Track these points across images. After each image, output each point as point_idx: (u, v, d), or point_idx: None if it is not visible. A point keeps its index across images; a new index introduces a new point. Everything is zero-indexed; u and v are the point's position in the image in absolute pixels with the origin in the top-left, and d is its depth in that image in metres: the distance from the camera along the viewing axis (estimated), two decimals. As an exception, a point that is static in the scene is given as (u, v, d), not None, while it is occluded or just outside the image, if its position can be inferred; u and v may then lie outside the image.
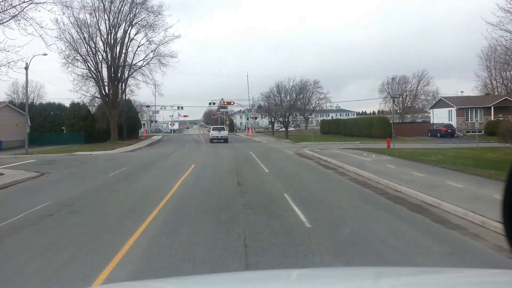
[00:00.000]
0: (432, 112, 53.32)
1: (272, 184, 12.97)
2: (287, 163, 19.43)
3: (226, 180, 13.66)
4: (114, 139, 43.84)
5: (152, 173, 15.87)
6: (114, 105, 43.91)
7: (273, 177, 14.39)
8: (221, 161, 20.62)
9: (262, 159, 20.96)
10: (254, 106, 65.75)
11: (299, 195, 10.71)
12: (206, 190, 11.84)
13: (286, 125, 48.28)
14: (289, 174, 15.69)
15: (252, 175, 14.85)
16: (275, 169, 16.71)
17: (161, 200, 10.01)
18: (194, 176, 14.51)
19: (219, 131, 42.21)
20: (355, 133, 49.17)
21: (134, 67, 44.61)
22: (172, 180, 13.61)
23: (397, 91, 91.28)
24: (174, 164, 19.31)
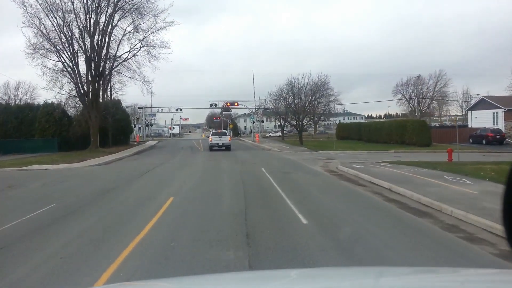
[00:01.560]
0: (471, 115, 45.60)
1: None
2: (329, 197, 11.33)
3: (221, 258, 5.71)
4: (94, 146, 36.45)
5: (73, 231, 7.75)
6: (95, 106, 36.59)
7: (327, 249, 6.17)
8: (218, 188, 12.70)
9: (283, 184, 13.28)
10: (260, 108, 58.31)
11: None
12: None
13: (301, 129, 40.71)
14: (353, 234, 7.11)
15: (277, 239, 6.65)
16: (318, 216, 8.43)
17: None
18: (152, 248, 6.18)
19: (220, 136, 34.74)
20: (381, 138, 41.50)
21: (119, 59, 37.32)
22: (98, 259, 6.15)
23: (412, 93, 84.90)
24: (138, 199, 10.80)
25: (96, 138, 36.89)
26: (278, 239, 6.71)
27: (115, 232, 7.36)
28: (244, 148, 40.38)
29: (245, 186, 12.89)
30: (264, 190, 12.26)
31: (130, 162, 25.15)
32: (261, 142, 48.37)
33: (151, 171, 17.92)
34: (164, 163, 22.85)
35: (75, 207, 9.99)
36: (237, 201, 10.35)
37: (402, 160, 20.46)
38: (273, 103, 51.96)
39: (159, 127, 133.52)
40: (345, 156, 26.24)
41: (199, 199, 10.71)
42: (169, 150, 38.39)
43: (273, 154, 30.51)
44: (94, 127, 36.56)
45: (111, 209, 9.67)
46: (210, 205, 9.82)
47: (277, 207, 9.61)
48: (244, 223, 7.84)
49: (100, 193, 11.79)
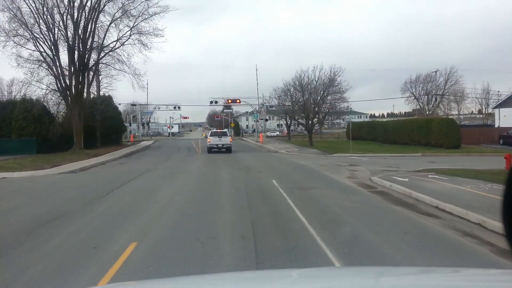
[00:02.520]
0: (498, 113, 41.16)
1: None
2: (392, 242, 6.50)
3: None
4: (78, 147, 32.21)
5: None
6: (78, 102, 32.31)
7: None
8: (213, 221, 7.91)
9: (307, 210, 8.73)
10: (264, 105, 53.97)
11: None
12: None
13: (311, 129, 36.27)
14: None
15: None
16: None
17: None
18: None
19: (220, 137, 30.39)
20: (401, 139, 37.11)
21: (106, 49, 33.01)
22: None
23: (421, 91, 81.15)
24: (74, 250, 6.22)
25: (80, 138, 32.64)
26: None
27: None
28: (247, 149, 36.04)
29: (253, 214, 8.55)
30: (282, 223, 7.90)
31: (111, 168, 20.84)
32: (266, 143, 44.03)
33: (127, 184, 13.59)
34: (151, 170, 18.54)
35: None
36: (243, 249, 6.04)
37: (451, 169, 16.05)
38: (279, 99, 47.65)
39: (159, 125, 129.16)
40: (369, 162, 21.89)
41: (179, 247, 6.36)
42: (163, 152, 34.10)
43: (281, 158, 26.14)
44: (78, 126, 32.31)
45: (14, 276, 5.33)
46: (197, 262, 5.51)
47: (310, 260, 5.36)
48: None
49: (26, 231, 7.45)
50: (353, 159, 23.66)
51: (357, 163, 20.98)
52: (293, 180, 14.16)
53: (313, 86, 34.95)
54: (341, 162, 21.40)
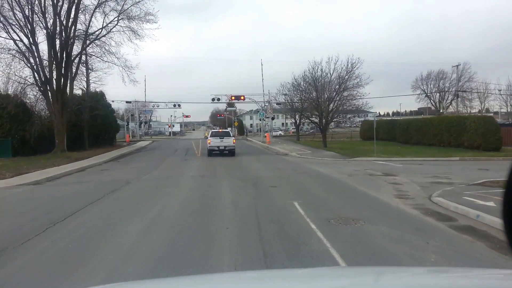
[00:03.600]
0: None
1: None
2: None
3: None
4: (60, 149, 28.26)
5: None
6: (60, 98, 28.29)
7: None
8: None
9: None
10: (270, 103, 49.77)
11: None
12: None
13: (325, 128, 32.00)
14: None
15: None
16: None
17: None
18: None
19: (221, 138, 26.25)
20: (425, 139, 32.89)
21: (91, 37, 28.92)
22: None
23: (432, 89, 77.48)
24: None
25: (63, 139, 28.64)
26: None
27: None
28: (253, 151, 31.88)
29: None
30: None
31: (86, 177, 16.74)
32: (273, 144, 39.86)
33: (84, 211, 9.37)
34: (131, 182, 14.43)
35: None
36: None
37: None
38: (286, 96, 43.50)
39: (161, 124, 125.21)
40: (405, 169, 17.70)
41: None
42: (157, 155, 30.03)
43: (294, 163, 21.94)
44: (60, 125, 28.30)
45: None
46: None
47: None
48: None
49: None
50: (383, 166, 19.47)
51: (392, 171, 16.79)
52: (322, 201, 9.97)
53: (328, 80, 30.65)
54: (371, 170, 17.21)
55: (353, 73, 29.51)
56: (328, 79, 30.41)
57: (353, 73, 29.51)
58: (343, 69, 29.84)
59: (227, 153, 26.37)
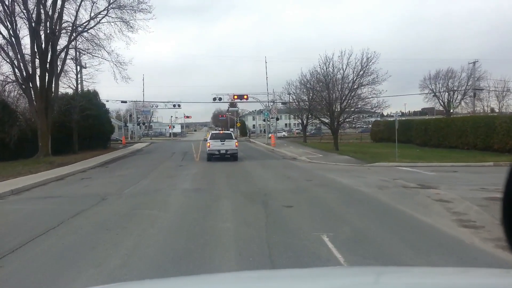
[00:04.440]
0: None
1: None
2: None
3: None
4: (43, 153, 25.49)
5: None
6: (45, 97, 25.52)
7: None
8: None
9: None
10: (275, 102, 46.85)
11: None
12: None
13: (337, 129, 29.03)
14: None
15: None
16: None
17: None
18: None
19: (222, 140, 23.36)
20: (447, 141, 30.00)
21: (79, 29, 26.12)
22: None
23: (441, 88, 74.67)
24: None
25: (47, 142, 25.85)
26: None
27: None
28: (258, 155, 29.00)
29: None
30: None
31: (57, 190, 13.87)
32: (278, 146, 36.97)
33: (22, 251, 6.54)
34: (112, 196, 11.58)
35: None
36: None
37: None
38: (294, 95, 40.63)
39: (162, 125, 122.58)
40: (440, 178, 14.80)
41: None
42: (152, 159, 27.20)
43: (307, 170, 19.01)
44: (43, 127, 25.50)
45: None
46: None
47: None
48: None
49: None
50: (411, 174, 16.56)
51: (427, 181, 13.86)
52: (363, 235, 6.99)
53: (341, 77, 27.70)
54: (402, 180, 14.28)
55: (369, 68, 26.59)
56: (341, 75, 27.48)
57: (369, 68, 26.59)
58: (357, 64, 26.89)
59: (229, 156, 23.55)
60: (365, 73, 26.55)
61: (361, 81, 26.86)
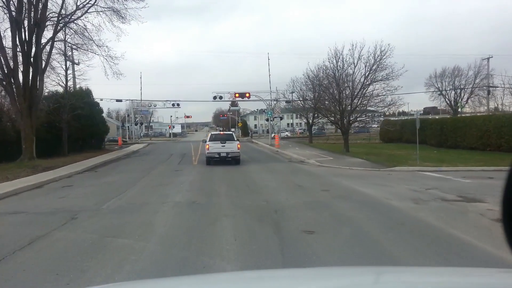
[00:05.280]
0: None
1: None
2: None
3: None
4: (27, 156, 23.29)
5: None
6: (28, 95, 23.30)
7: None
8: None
9: None
10: (278, 101, 44.58)
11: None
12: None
13: (347, 130, 26.72)
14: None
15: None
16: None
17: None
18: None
19: (223, 142, 21.09)
20: (466, 142, 27.76)
21: (65, 20, 23.88)
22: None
23: (447, 86, 72.78)
24: None
25: (31, 144, 23.62)
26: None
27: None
28: (262, 158, 26.74)
29: None
30: None
31: (25, 203, 11.60)
32: (283, 147, 34.72)
33: None
34: (85, 213, 9.36)
35: None
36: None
37: None
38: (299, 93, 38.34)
39: (162, 125, 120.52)
40: (480, 187, 12.51)
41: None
42: (147, 162, 24.98)
43: (320, 176, 16.70)
44: (27, 127, 23.28)
45: None
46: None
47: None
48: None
49: None
50: (443, 181, 14.28)
51: (467, 191, 11.57)
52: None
53: (352, 72, 25.35)
54: (436, 190, 12.00)
55: (383, 62, 24.23)
56: (352, 70, 25.14)
57: (383, 62, 24.23)
58: (369, 58, 24.52)
59: (230, 159, 21.31)
60: (379, 67, 24.24)
61: (374, 77, 24.53)
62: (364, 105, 25.72)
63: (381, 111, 26.93)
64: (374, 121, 31.57)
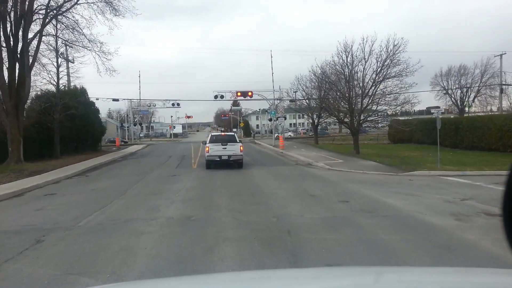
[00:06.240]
0: None
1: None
2: None
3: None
4: (14, 159, 21.65)
5: None
6: (14, 94, 21.66)
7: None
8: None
9: None
10: (282, 100, 42.86)
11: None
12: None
13: (357, 130, 24.96)
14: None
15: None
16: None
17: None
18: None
19: (224, 144, 19.36)
20: (483, 143, 26.14)
21: (52, 13, 22.21)
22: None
23: (453, 85, 71.38)
24: None
25: (18, 146, 21.98)
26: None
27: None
28: (266, 160, 25.02)
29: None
30: None
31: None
32: (287, 148, 33.01)
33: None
34: (55, 233, 7.68)
35: None
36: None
37: None
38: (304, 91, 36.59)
39: (163, 126, 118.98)
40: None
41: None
42: (143, 165, 23.30)
43: (333, 182, 14.94)
44: (13, 128, 21.63)
45: None
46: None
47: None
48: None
49: None
50: (475, 188, 12.56)
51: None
52: None
53: (362, 68, 23.54)
54: (473, 200, 10.26)
55: (396, 57, 22.45)
56: (362, 66, 23.35)
57: (396, 57, 22.45)
58: (382, 53, 22.74)
59: (232, 163, 19.61)
60: (392, 62, 22.46)
61: (386, 73, 22.73)
62: (375, 103, 23.92)
63: (393, 110, 25.06)
64: (387, 120, 29.73)
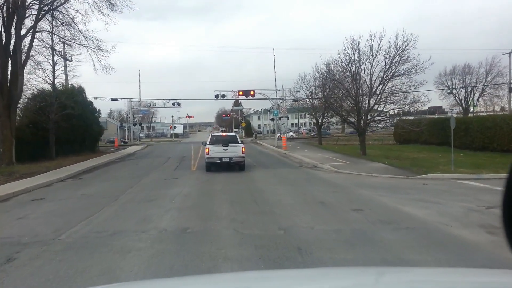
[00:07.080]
0: None
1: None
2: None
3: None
4: (5, 161, 20.71)
5: None
6: (6, 92, 20.71)
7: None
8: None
9: None
10: (285, 99, 41.83)
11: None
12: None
13: (364, 130, 23.92)
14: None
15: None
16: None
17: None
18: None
19: (225, 145, 18.35)
20: (495, 144, 25.24)
21: (46, 8, 21.25)
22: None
23: (457, 84, 70.28)
24: None
25: (10, 147, 21.05)
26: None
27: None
28: (269, 162, 23.99)
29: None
30: None
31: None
32: (290, 149, 31.99)
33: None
34: (30, 250, 6.69)
35: None
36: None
37: None
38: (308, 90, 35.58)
39: (164, 126, 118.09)
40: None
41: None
42: (140, 167, 22.34)
43: (342, 187, 13.89)
44: (5, 129, 20.70)
45: None
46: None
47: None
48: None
49: None
50: (498, 193, 11.49)
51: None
52: None
53: (370, 65, 22.49)
54: (498, 209, 9.26)
55: (406, 54, 21.41)
56: (370, 63, 22.32)
57: (406, 54, 21.41)
58: (390, 50, 21.69)
59: (233, 165, 18.62)
60: (402, 59, 21.42)
61: (395, 70, 21.69)
62: (383, 102, 22.87)
63: (402, 109, 23.99)
64: (395, 120, 28.68)
